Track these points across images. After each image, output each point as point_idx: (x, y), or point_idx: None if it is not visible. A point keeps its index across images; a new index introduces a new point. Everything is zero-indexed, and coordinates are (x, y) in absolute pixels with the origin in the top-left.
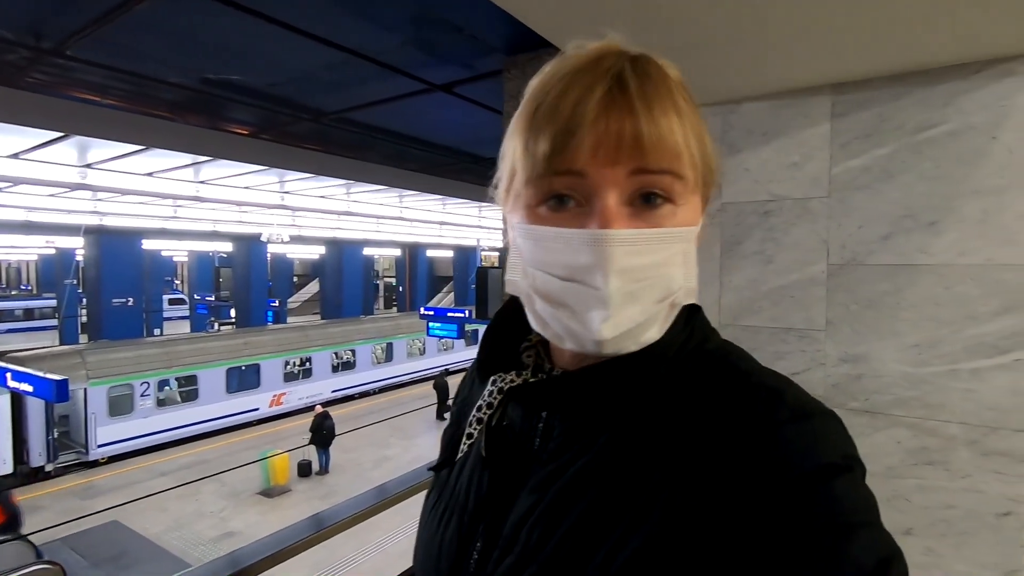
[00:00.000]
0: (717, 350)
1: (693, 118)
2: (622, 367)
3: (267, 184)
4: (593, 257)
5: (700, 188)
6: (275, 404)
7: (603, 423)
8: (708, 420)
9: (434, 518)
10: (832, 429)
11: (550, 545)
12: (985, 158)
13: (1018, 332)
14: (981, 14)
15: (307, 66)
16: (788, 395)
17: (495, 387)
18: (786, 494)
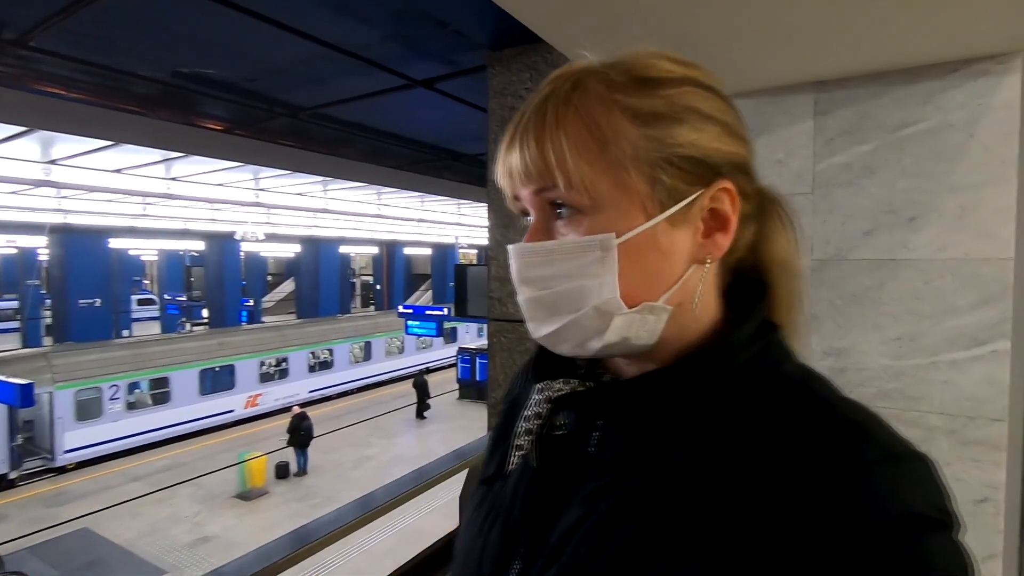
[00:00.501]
0: (795, 374)
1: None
2: (673, 376)
3: (242, 181)
4: (513, 268)
5: (640, 189)
6: (251, 405)
7: (664, 439)
8: (782, 451)
9: (477, 519)
10: (927, 476)
11: (599, 561)
12: (962, 155)
13: (994, 324)
14: (956, 16)
15: (284, 60)
16: (878, 433)
17: (542, 396)
18: (867, 547)
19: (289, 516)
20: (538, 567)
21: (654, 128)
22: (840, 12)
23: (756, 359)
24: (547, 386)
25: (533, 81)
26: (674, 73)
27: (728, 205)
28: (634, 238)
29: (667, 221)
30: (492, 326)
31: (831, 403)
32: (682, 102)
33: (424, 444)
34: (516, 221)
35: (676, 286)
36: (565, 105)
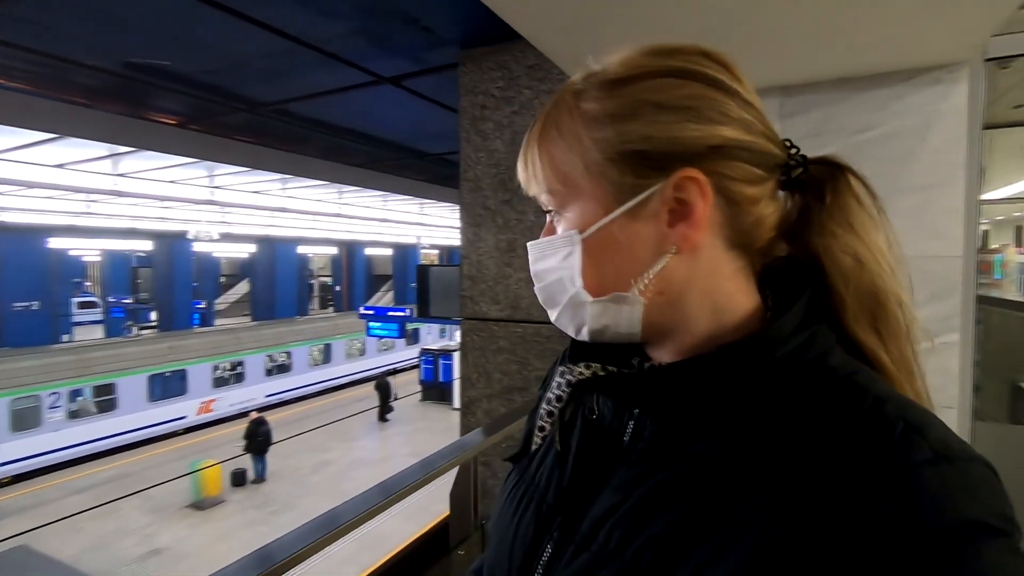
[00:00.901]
0: (842, 367)
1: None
2: (709, 364)
3: (195, 178)
4: None
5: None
6: (204, 411)
7: (700, 429)
8: (826, 449)
9: (512, 502)
10: (984, 480)
11: (630, 550)
12: (915, 158)
13: (944, 317)
14: (910, 28)
15: (245, 53)
16: (931, 433)
17: (563, 379)
18: (920, 554)
19: (246, 524)
20: (568, 553)
21: (606, 129)
22: (804, 21)
23: (799, 351)
24: (569, 370)
25: (505, 80)
26: (641, 68)
27: (693, 193)
28: (595, 233)
29: (626, 215)
30: (465, 325)
31: (881, 398)
32: (638, 97)
33: (386, 447)
34: (488, 219)
35: (646, 276)
36: (543, 121)
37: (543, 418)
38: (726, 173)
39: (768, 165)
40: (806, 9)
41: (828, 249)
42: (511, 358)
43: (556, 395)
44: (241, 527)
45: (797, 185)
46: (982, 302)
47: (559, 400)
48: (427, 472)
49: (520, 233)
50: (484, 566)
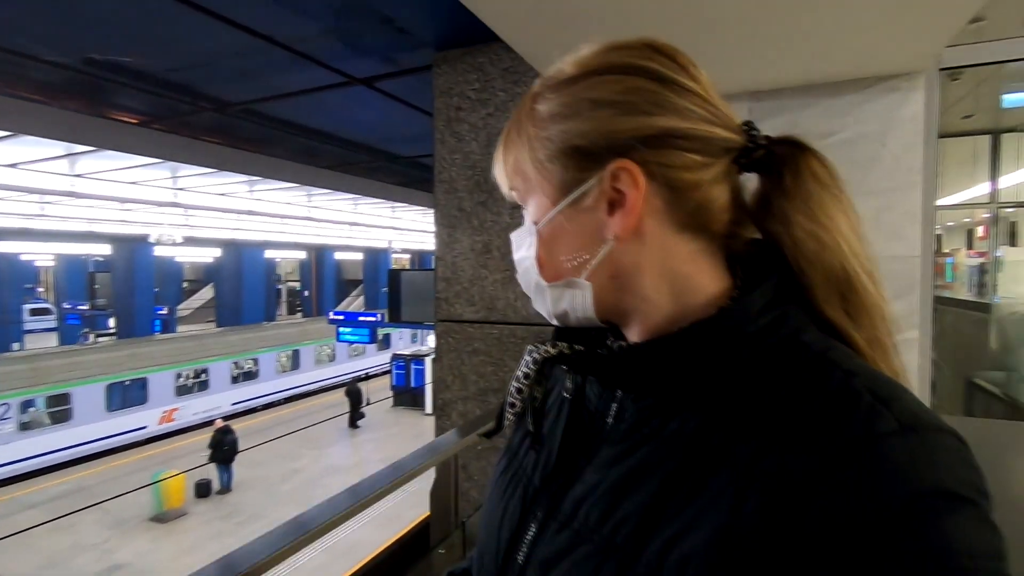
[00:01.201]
0: (816, 343)
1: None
2: (679, 342)
3: (158, 179)
4: None
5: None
6: (166, 421)
7: (677, 407)
8: (795, 422)
9: (501, 485)
10: (951, 449)
11: (608, 526)
12: (877, 163)
13: (905, 315)
14: (870, 37)
15: (212, 50)
16: (897, 404)
17: (531, 357)
18: (884, 523)
19: (211, 536)
20: (551, 531)
21: (549, 129)
22: (772, 29)
23: (771, 328)
24: (536, 348)
25: (480, 82)
26: (587, 67)
27: (627, 183)
28: (547, 225)
29: (571, 206)
30: (440, 327)
31: (851, 372)
32: (580, 96)
33: (358, 453)
34: (463, 221)
35: (593, 263)
36: (510, 124)
37: (512, 395)
38: (662, 161)
39: (713, 150)
40: (773, 18)
41: (790, 231)
42: (487, 360)
43: (524, 372)
44: (206, 539)
45: (759, 167)
46: (937, 302)
47: (527, 377)
48: (399, 475)
49: (496, 235)
50: (476, 552)
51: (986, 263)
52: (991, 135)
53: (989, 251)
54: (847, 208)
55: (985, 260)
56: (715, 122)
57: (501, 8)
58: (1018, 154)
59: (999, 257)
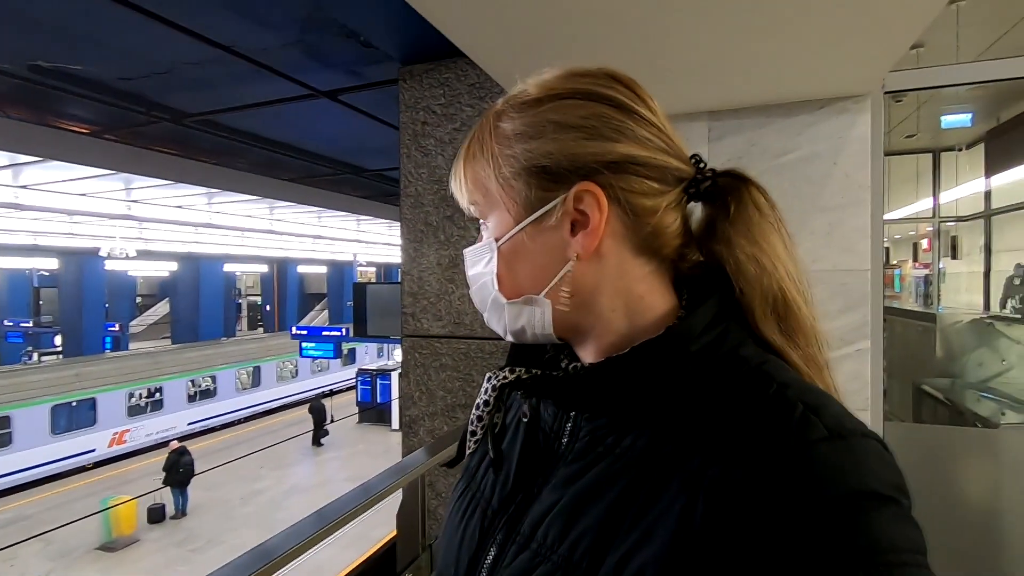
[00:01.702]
0: (753, 357)
1: (480, 150)
2: (628, 362)
3: (109, 191)
4: None
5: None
6: (116, 443)
7: (629, 424)
8: (735, 431)
9: (459, 508)
10: (874, 453)
11: (565, 544)
12: (829, 180)
13: (857, 327)
14: (819, 60)
15: (168, 60)
16: (825, 412)
17: (489, 384)
18: (815, 523)
19: (164, 564)
20: (510, 554)
21: (514, 147)
22: (728, 51)
23: (714, 344)
24: (495, 374)
25: (446, 97)
26: (552, 90)
27: (590, 205)
28: (508, 242)
29: (534, 225)
30: (405, 343)
31: (784, 384)
32: (545, 117)
33: (322, 472)
34: (429, 235)
35: (554, 281)
36: (470, 139)
37: (473, 423)
38: (623, 186)
39: (668, 179)
40: (730, 44)
41: (732, 256)
42: (454, 375)
43: (484, 400)
44: (159, 567)
45: (706, 197)
46: (886, 312)
47: (487, 404)
48: (368, 497)
49: (462, 249)
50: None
51: (930, 275)
52: (932, 154)
53: (933, 263)
54: (784, 234)
55: (929, 272)
56: (670, 152)
57: (465, 25)
58: (956, 171)
59: (942, 269)
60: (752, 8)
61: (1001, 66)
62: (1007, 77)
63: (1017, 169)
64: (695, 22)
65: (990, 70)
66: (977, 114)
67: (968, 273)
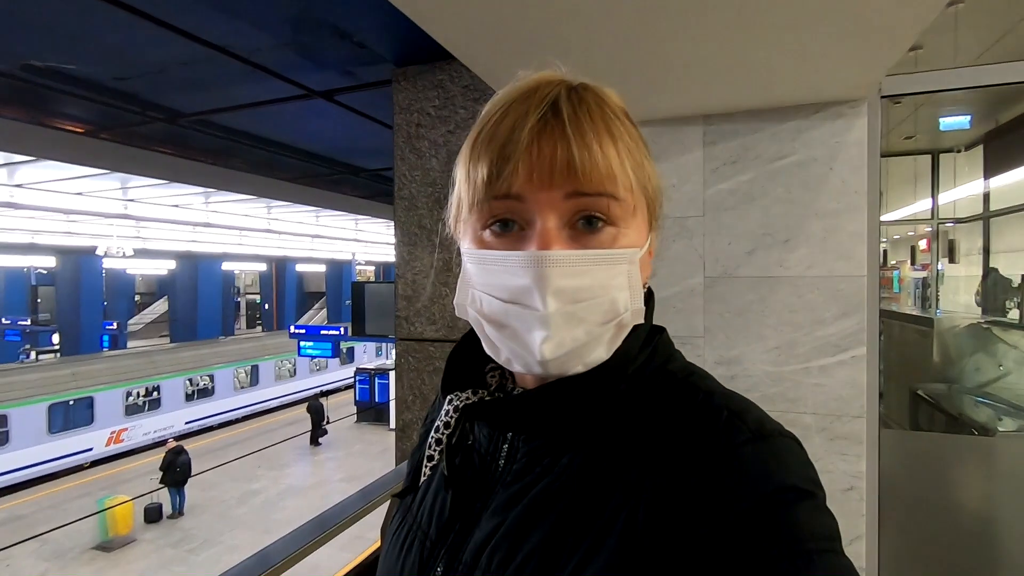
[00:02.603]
0: (680, 371)
1: (631, 143)
2: (577, 385)
3: (106, 190)
4: (531, 278)
5: (644, 210)
6: (114, 442)
7: (566, 444)
8: (669, 441)
9: (396, 545)
10: (792, 451)
11: (511, 568)
12: (824, 185)
13: (853, 333)
14: (816, 65)
15: (164, 60)
16: (748, 416)
17: (451, 406)
18: (744, 517)
19: (161, 564)
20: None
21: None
22: (724, 55)
23: (646, 362)
24: (456, 396)
25: (441, 99)
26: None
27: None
28: (642, 254)
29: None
30: (399, 346)
31: (709, 392)
32: (640, 136)
33: (319, 473)
34: (423, 238)
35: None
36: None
37: (431, 447)
38: None
39: None
40: (726, 48)
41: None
42: None
43: (445, 422)
44: (156, 568)
45: None
46: (882, 315)
47: (447, 426)
48: (367, 502)
49: (457, 252)
50: None
51: (928, 277)
52: (931, 155)
53: (931, 265)
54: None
55: (927, 274)
56: None
57: (456, 29)
58: (955, 173)
59: (941, 271)
60: (747, 13)
61: (998, 71)
62: (1004, 82)
63: (1016, 171)
64: (690, 27)
65: (987, 75)
66: (976, 116)
67: (967, 276)
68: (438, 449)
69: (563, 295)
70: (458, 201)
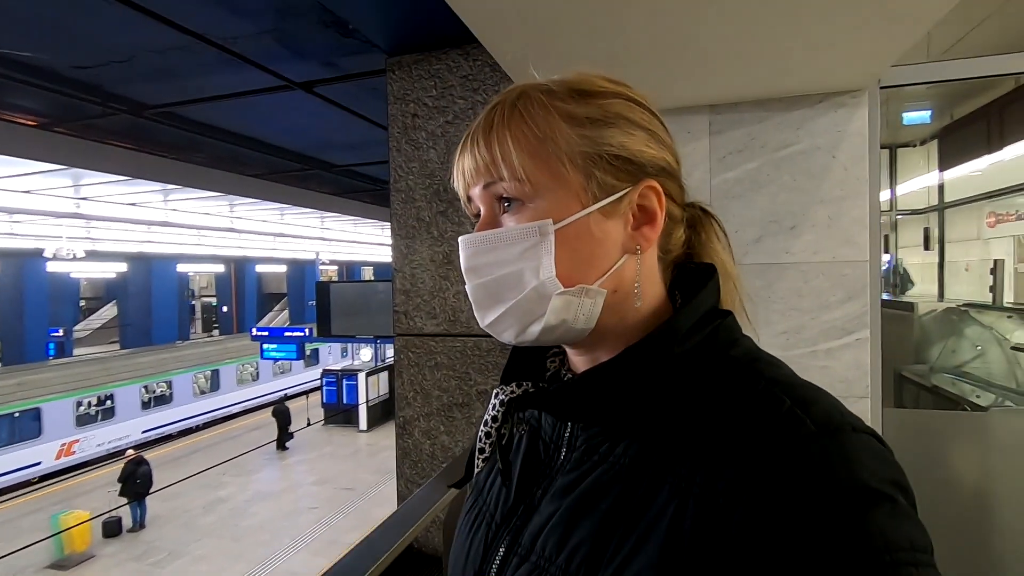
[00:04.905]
0: (744, 356)
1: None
2: (614, 368)
3: (57, 188)
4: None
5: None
6: (65, 455)
7: (622, 431)
8: (723, 433)
9: (467, 523)
10: (867, 448)
11: (563, 556)
12: (828, 173)
13: (857, 316)
14: (818, 57)
15: (129, 46)
16: (814, 408)
17: (497, 399)
18: (806, 523)
19: None
20: (512, 566)
21: (588, 129)
22: (730, 46)
23: (703, 345)
24: (502, 390)
25: (437, 89)
26: (607, 88)
27: (655, 202)
28: (570, 225)
29: (600, 212)
30: (398, 342)
31: (773, 381)
32: (613, 110)
33: (288, 477)
34: (422, 231)
35: (610, 272)
36: (511, 109)
37: (481, 439)
38: (668, 191)
39: (681, 193)
40: (733, 39)
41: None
42: (450, 374)
43: (492, 416)
44: None
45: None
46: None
47: (495, 420)
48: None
49: (457, 245)
50: None
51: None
52: (889, 149)
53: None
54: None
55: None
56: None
57: (484, 9)
58: (914, 167)
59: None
60: (758, 5)
61: (998, 62)
62: (1006, 72)
63: (967, 164)
64: (702, 19)
65: (987, 65)
66: (934, 112)
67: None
68: (488, 442)
69: (477, 271)
70: None
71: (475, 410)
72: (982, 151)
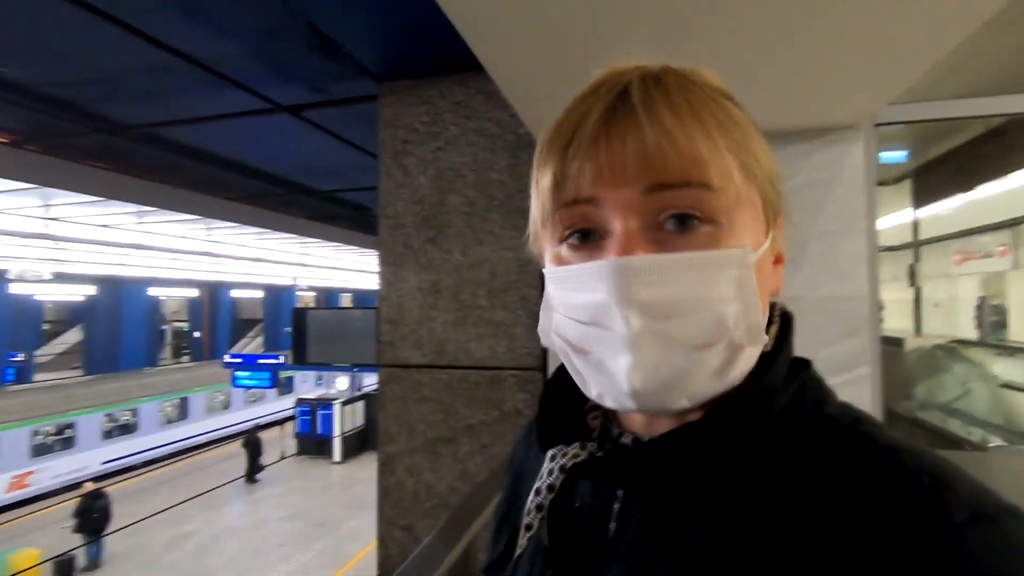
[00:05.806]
0: (841, 416)
1: (727, 121)
2: (708, 431)
3: (24, 208)
4: (608, 292)
5: (756, 201)
6: (17, 488)
7: (701, 507)
8: (847, 516)
9: None
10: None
11: None
12: (825, 207)
13: (857, 353)
14: (815, 94)
15: (111, 65)
16: (959, 486)
17: (555, 464)
18: None
19: None
20: None
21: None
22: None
23: (795, 402)
24: (561, 452)
25: (430, 115)
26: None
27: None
28: (761, 257)
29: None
30: (383, 373)
31: (895, 450)
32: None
33: (258, 512)
34: (409, 258)
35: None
36: (684, 92)
37: (531, 513)
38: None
39: None
40: (732, 71)
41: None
42: (436, 407)
43: (548, 484)
44: None
45: None
46: None
47: (551, 490)
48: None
49: (446, 273)
50: None
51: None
52: None
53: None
54: None
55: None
56: None
57: (493, 35)
58: (886, 205)
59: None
60: (756, 45)
61: (990, 103)
62: (986, 114)
63: (940, 203)
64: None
65: (978, 106)
66: (910, 151)
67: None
68: (539, 516)
69: (651, 310)
70: (533, 217)
71: (461, 446)
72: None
